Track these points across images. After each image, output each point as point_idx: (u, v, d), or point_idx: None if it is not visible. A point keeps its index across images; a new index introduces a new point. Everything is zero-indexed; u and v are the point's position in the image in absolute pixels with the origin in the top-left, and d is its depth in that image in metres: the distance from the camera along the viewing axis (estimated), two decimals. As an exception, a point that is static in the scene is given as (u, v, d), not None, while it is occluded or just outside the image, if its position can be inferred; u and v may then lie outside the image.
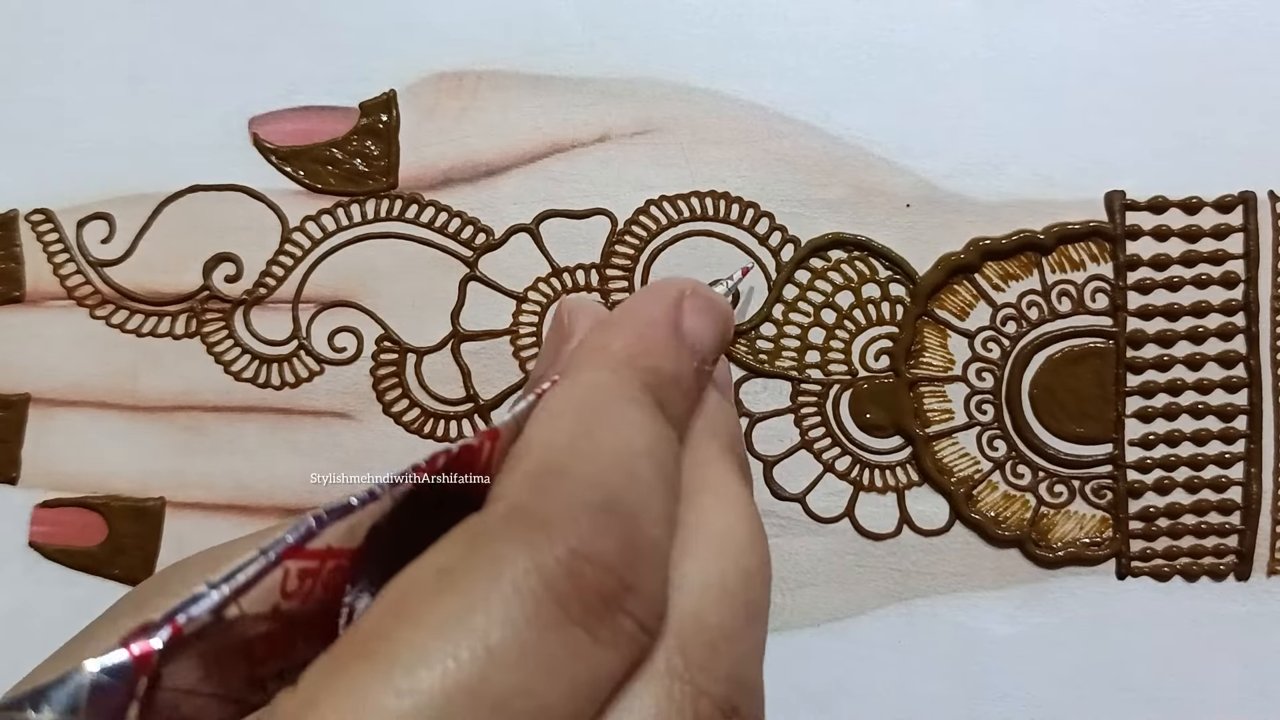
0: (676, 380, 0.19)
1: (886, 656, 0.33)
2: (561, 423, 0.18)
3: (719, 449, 0.20)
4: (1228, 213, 0.33)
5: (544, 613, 0.14)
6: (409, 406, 0.34)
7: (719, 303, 0.22)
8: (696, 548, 0.17)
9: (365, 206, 0.34)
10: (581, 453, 0.17)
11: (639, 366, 0.19)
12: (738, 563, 0.18)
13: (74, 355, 0.34)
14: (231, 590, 0.14)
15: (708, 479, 0.19)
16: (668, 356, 0.19)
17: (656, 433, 0.18)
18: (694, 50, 0.34)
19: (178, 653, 0.14)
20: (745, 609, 0.17)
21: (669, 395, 0.19)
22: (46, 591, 0.34)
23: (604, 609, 0.15)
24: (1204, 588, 0.33)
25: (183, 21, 0.34)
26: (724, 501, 0.19)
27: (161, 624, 0.13)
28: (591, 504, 0.16)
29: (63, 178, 0.34)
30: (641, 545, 0.16)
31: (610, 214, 0.34)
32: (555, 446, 0.17)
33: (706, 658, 0.16)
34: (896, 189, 0.33)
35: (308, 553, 0.15)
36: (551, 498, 0.16)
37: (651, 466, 0.17)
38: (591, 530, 0.15)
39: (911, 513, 0.34)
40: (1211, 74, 0.33)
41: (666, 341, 0.20)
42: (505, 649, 0.14)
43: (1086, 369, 0.33)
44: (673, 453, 0.18)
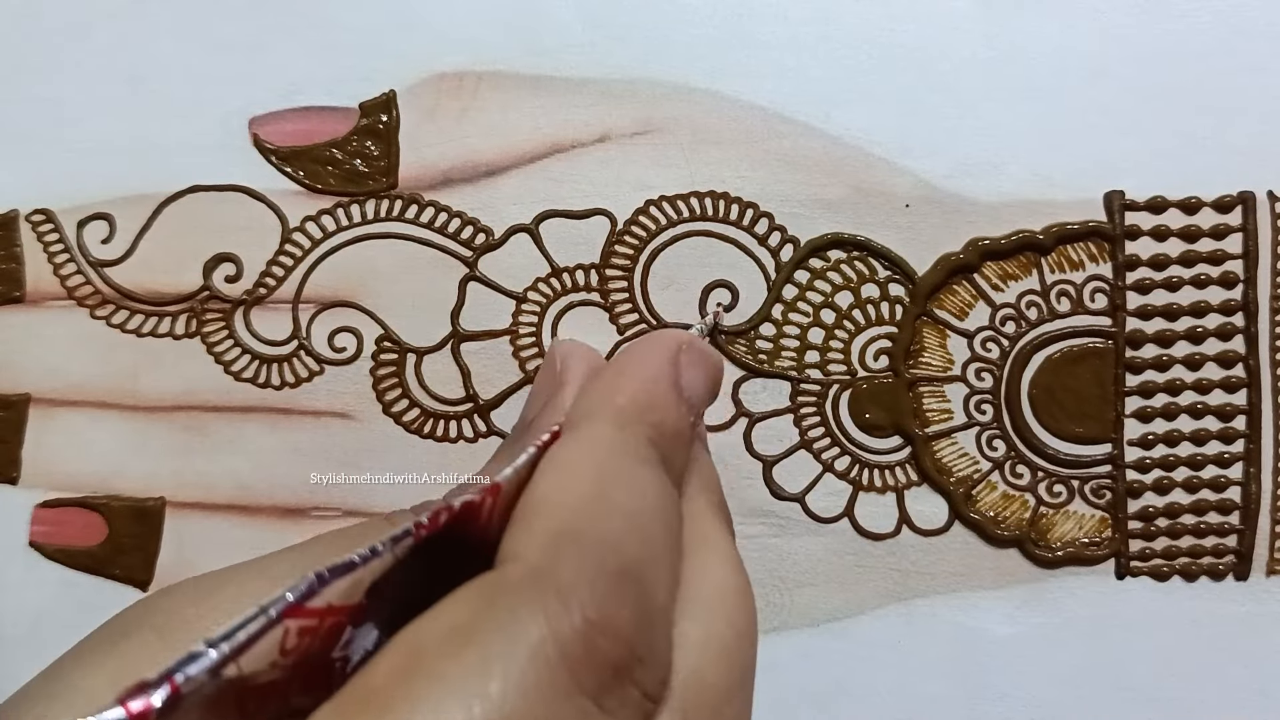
0: (678, 435, 0.20)
1: (886, 656, 0.33)
2: (574, 481, 0.18)
3: (709, 504, 0.20)
4: (1227, 213, 0.33)
5: (557, 681, 0.14)
6: (409, 406, 0.34)
7: (713, 356, 0.22)
8: (695, 608, 0.18)
9: (365, 207, 0.34)
10: (597, 514, 0.17)
11: (645, 422, 0.19)
12: (733, 623, 0.18)
13: (74, 355, 0.34)
14: (231, 649, 0.14)
15: (702, 534, 0.19)
16: (670, 412, 0.20)
17: (664, 492, 0.18)
18: (694, 50, 0.34)
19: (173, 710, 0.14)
20: (740, 668, 0.18)
21: (671, 451, 0.19)
22: (47, 591, 0.34)
23: (614, 680, 0.15)
24: (1203, 588, 0.33)
25: (183, 21, 0.34)
26: (717, 559, 0.19)
27: (159, 682, 0.13)
28: (608, 571, 0.16)
29: (63, 178, 0.34)
30: (653, 613, 0.16)
31: (610, 214, 0.34)
32: (570, 507, 0.17)
33: (706, 717, 0.16)
34: (896, 189, 0.33)
35: (308, 611, 0.15)
36: (569, 562, 0.16)
37: (661, 527, 0.17)
38: (607, 599, 0.15)
39: (911, 513, 0.34)
40: (1211, 74, 0.33)
41: (668, 396, 0.20)
42: (518, 714, 0.14)
43: (1085, 369, 0.34)
44: (677, 511, 0.19)
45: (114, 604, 0.33)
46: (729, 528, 0.21)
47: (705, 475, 0.21)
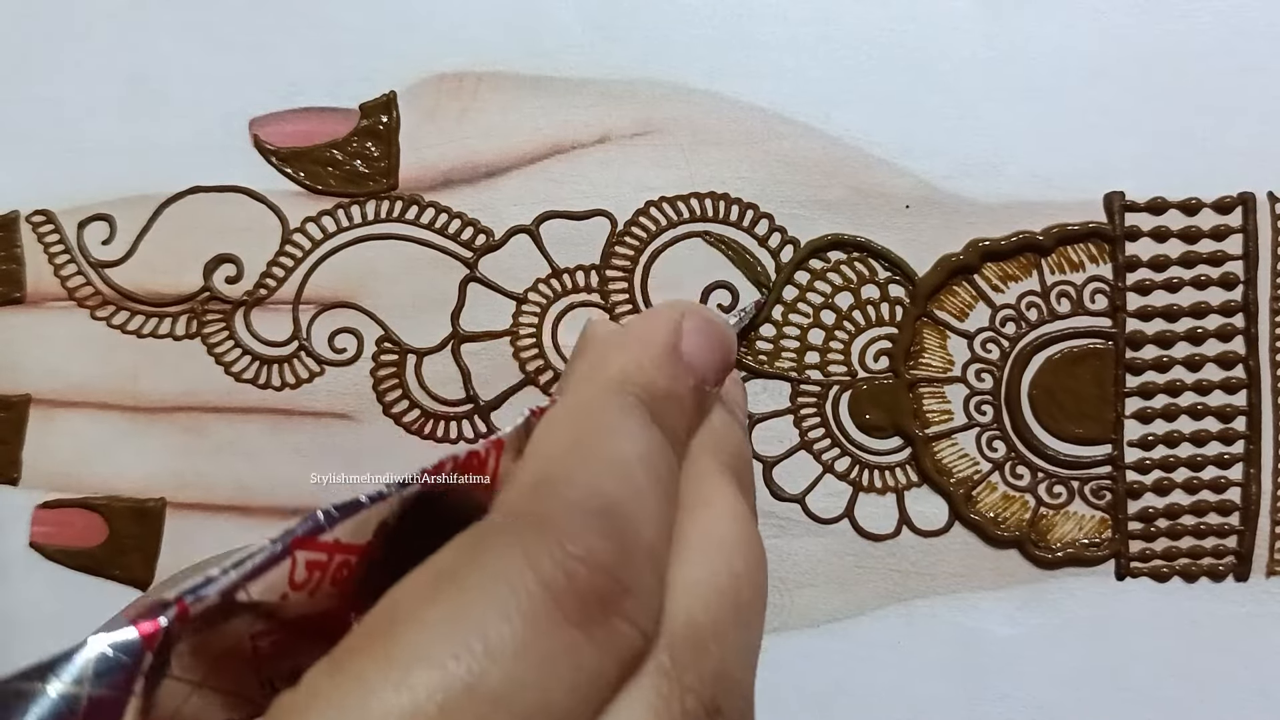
0: (672, 397, 0.20)
1: (886, 657, 0.33)
2: (557, 435, 0.18)
3: (717, 464, 0.20)
4: (1227, 214, 0.33)
5: (541, 612, 0.14)
6: (409, 407, 0.34)
7: (718, 324, 0.22)
8: (689, 553, 0.18)
9: (365, 207, 0.34)
10: (577, 461, 0.17)
11: (634, 383, 0.19)
12: (729, 565, 0.18)
13: (75, 356, 0.34)
14: (240, 575, 0.14)
15: (703, 490, 0.19)
16: (663, 374, 0.20)
17: (650, 441, 0.18)
18: (694, 51, 0.34)
19: (187, 637, 0.14)
20: (735, 610, 0.18)
21: (663, 410, 0.19)
22: (47, 592, 0.34)
23: (600, 611, 0.15)
24: (1203, 588, 0.33)
25: (183, 22, 0.34)
26: (716, 510, 0.19)
27: (170, 603, 0.14)
28: (588, 509, 0.16)
29: (64, 179, 0.34)
30: (637, 548, 0.16)
31: (610, 215, 0.34)
32: (551, 457, 0.17)
33: (694, 657, 0.16)
34: (896, 190, 0.33)
35: (316, 544, 0.15)
36: (548, 503, 0.16)
37: (646, 473, 0.18)
38: (588, 533, 0.15)
39: (911, 513, 0.34)
40: (1211, 75, 0.33)
41: (662, 360, 0.20)
42: (502, 646, 0.14)
43: (1085, 370, 0.34)
44: (668, 462, 0.19)
45: (114, 605, 0.34)
46: (740, 484, 0.20)
47: (718, 437, 0.21)
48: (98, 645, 0.13)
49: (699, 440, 0.21)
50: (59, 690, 0.13)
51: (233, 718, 0.15)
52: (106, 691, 0.13)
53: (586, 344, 0.22)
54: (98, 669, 0.13)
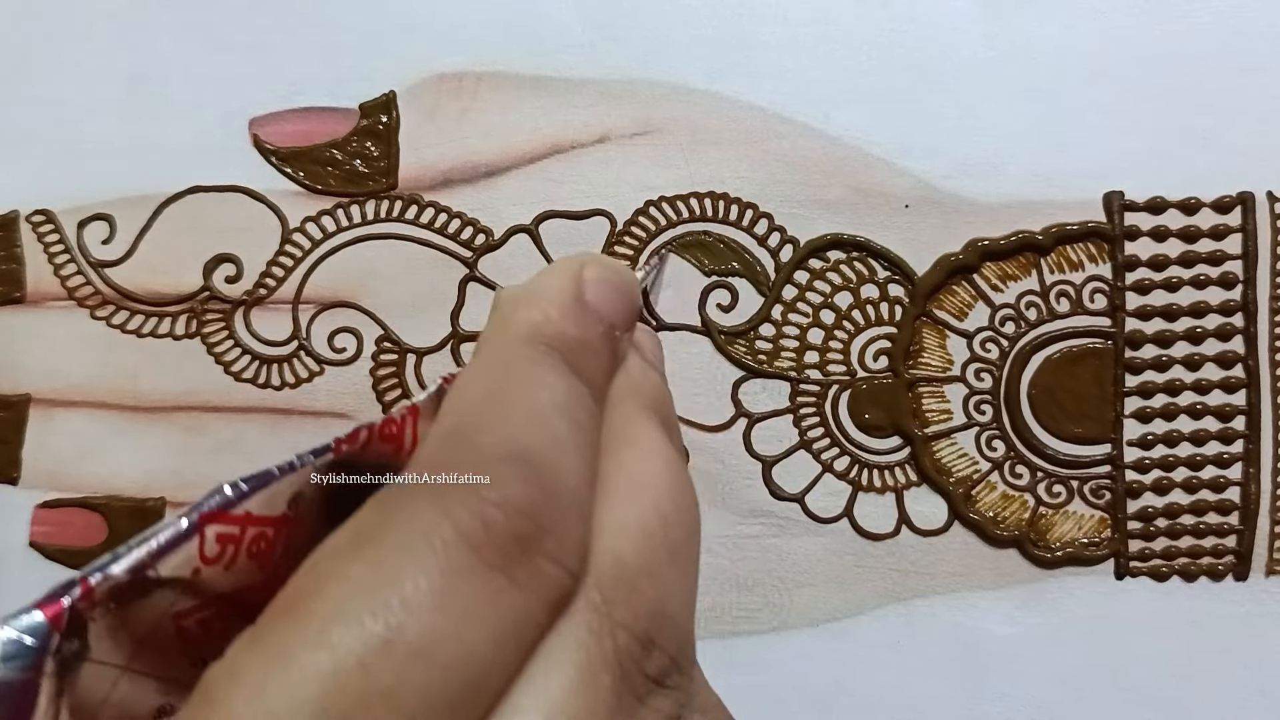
0: (584, 343, 0.19)
1: (885, 657, 0.33)
2: (469, 390, 0.18)
3: (638, 406, 0.20)
4: (1226, 213, 0.33)
5: (458, 560, 0.14)
6: (409, 407, 0.34)
7: (619, 269, 0.22)
8: (614, 495, 0.18)
9: (365, 207, 0.34)
10: (489, 412, 0.17)
11: (544, 333, 0.19)
12: (657, 506, 0.18)
13: (75, 356, 0.34)
14: (146, 552, 0.14)
15: (626, 433, 0.19)
16: (570, 320, 0.20)
17: (567, 389, 0.18)
18: (694, 51, 0.34)
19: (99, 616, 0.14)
20: (665, 549, 0.17)
21: (578, 357, 0.19)
22: (47, 591, 0.34)
23: (521, 553, 0.15)
24: (1202, 588, 0.33)
25: (183, 22, 0.34)
26: (642, 452, 0.19)
27: (74, 583, 0.14)
28: (502, 455, 0.16)
29: (64, 179, 0.34)
30: (556, 490, 0.16)
31: (610, 215, 0.34)
32: (463, 410, 0.17)
33: (623, 594, 0.16)
34: (895, 190, 0.33)
35: (226, 518, 0.15)
36: (461, 453, 0.16)
37: (563, 420, 0.17)
38: (503, 479, 0.15)
39: (910, 513, 0.34)
40: (1210, 75, 0.33)
41: (568, 308, 0.20)
42: (420, 599, 0.14)
43: (1085, 369, 0.34)
44: (586, 408, 0.18)
45: (114, 604, 0.34)
46: (666, 429, 0.20)
47: (635, 380, 0.21)
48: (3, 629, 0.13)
49: (617, 386, 0.20)
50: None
51: (168, 702, 0.15)
52: (16, 674, 0.13)
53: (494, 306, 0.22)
54: (5, 653, 0.13)
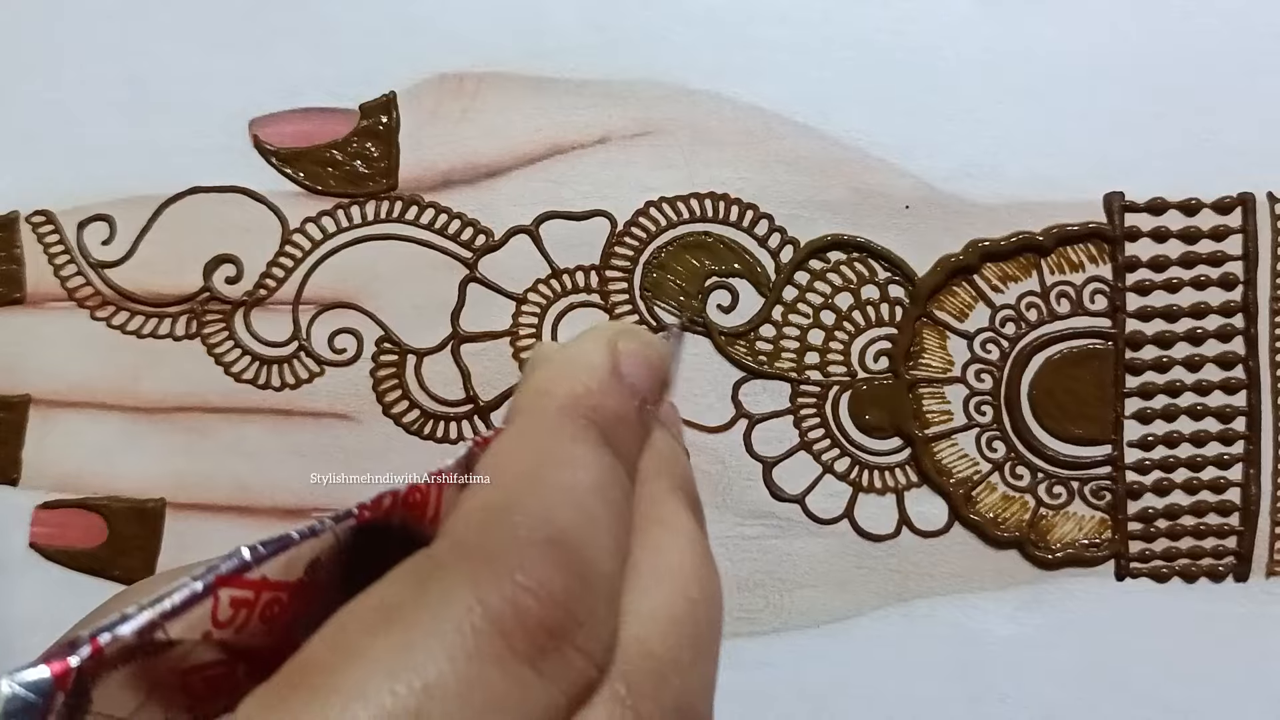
0: (621, 418, 0.19)
1: (886, 657, 0.33)
2: (507, 462, 0.18)
3: (668, 486, 0.20)
4: (1226, 214, 0.33)
5: (488, 648, 0.14)
6: (409, 408, 0.34)
7: (654, 342, 0.22)
8: (643, 580, 0.17)
9: (365, 208, 0.34)
10: (528, 490, 0.17)
11: (583, 406, 0.19)
12: (685, 594, 0.18)
13: (75, 357, 0.34)
14: (158, 614, 0.14)
15: (656, 514, 0.19)
16: (609, 395, 0.19)
17: (604, 467, 0.18)
18: (694, 52, 0.34)
19: (105, 674, 0.14)
20: (692, 640, 0.17)
21: (615, 432, 0.19)
22: (47, 592, 0.34)
23: (551, 644, 0.15)
24: (1203, 589, 0.33)
25: (183, 23, 0.34)
26: (672, 535, 0.19)
27: (83, 642, 0.13)
28: (538, 539, 0.15)
29: (64, 179, 0.34)
30: (590, 578, 0.16)
31: (610, 215, 0.34)
32: (502, 484, 0.17)
33: (651, 686, 0.16)
34: (896, 191, 0.33)
35: (241, 582, 0.15)
36: (497, 533, 0.16)
37: (600, 501, 0.17)
38: (538, 564, 0.15)
39: (911, 514, 0.34)
40: (1210, 76, 0.33)
41: (605, 381, 0.20)
42: (445, 685, 0.13)
43: (1085, 370, 0.34)
44: (622, 487, 0.18)
45: (114, 605, 0.34)
46: (693, 509, 0.20)
47: (665, 458, 0.21)
48: (7, 685, 0.13)
49: (646, 462, 0.20)
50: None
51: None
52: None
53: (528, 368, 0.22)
54: (7, 709, 0.13)
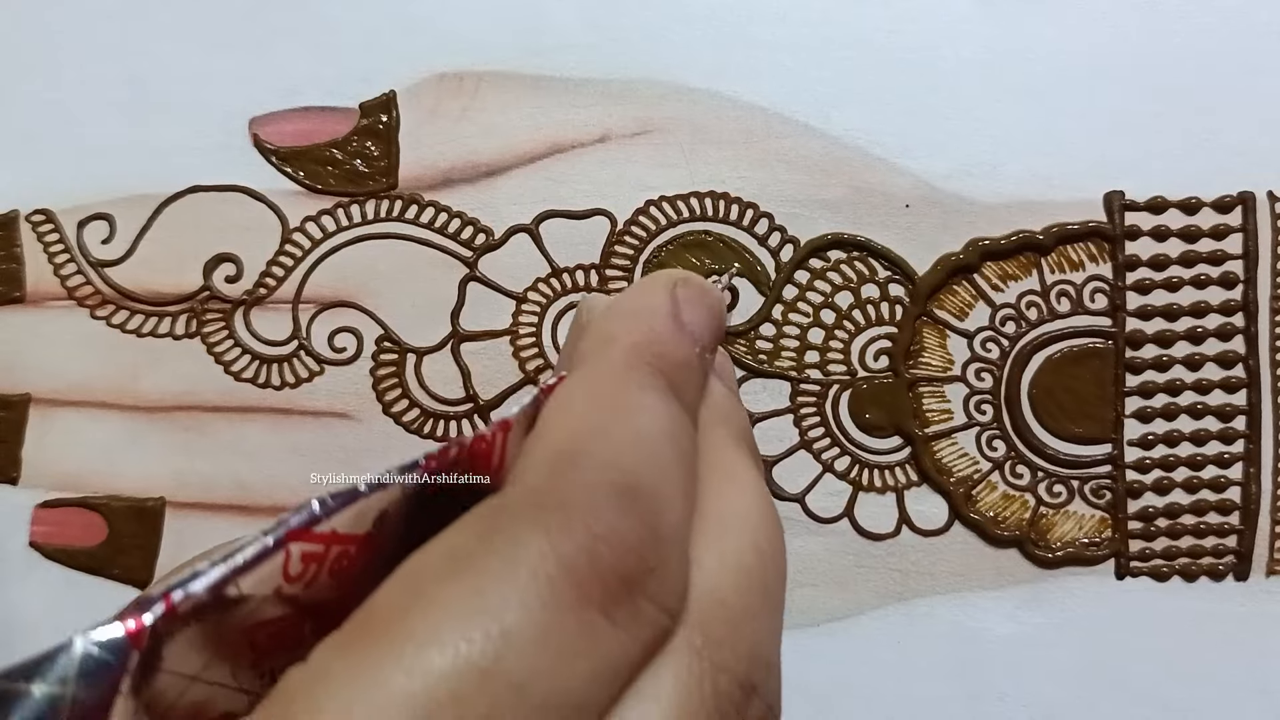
0: (684, 365, 0.19)
1: (886, 656, 0.33)
2: (577, 408, 0.17)
3: (729, 434, 0.20)
4: (1226, 213, 0.33)
5: (561, 596, 0.14)
6: (409, 407, 0.34)
7: (711, 290, 0.22)
8: (713, 529, 0.17)
9: (365, 207, 0.34)
10: (599, 437, 0.17)
11: (648, 352, 0.19)
12: (755, 543, 0.17)
13: (75, 355, 0.34)
14: (230, 569, 0.14)
15: (721, 463, 0.19)
16: (672, 342, 0.19)
17: (673, 415, 0.18)
18: (694, 51, 0.34)
19: (176, 632, 0.14)
20: (763, 589, 0.17)
21: (679, 379, 0.19)
22: (47, 591, 0.34)
23: (624, 592, 0.15)
24: (1203, 588, 0.33)
25: (183, 22, 0.34)
26: (738, 485, 0.19)
27: (156, 599, 0.13)
28: (611, 487, 0.15)
29: (64, 178, 0.34)
30: (662, 527, 0.16)
31: (610, 214, 0.34)
32: (572, 431, 0.17)
33: (725, 634, 0.16)
34: (896, 189, 0.33)
35: (312, 536, 0.15)
36: (569, 480, 0.15)
37: (670, 449, 0.17)
38: (611, 512, 0.15)
39: (911, 513, 0.34)
40: (1210, 75, 0.33)
41: (668, 327, 0.20)
42: (520, 631, 0.13)
43: (1085, 369, 0.34)
44: (689, 435, 0.18)
45: (114, 604, 0.33)
46: (754, 458, 0.20)
47: (723, 407, 0.21)
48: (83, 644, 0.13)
49: (707, 411, 0.20)
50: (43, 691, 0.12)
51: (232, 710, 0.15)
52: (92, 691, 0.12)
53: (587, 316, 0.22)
54: (83, 668, 0.12)
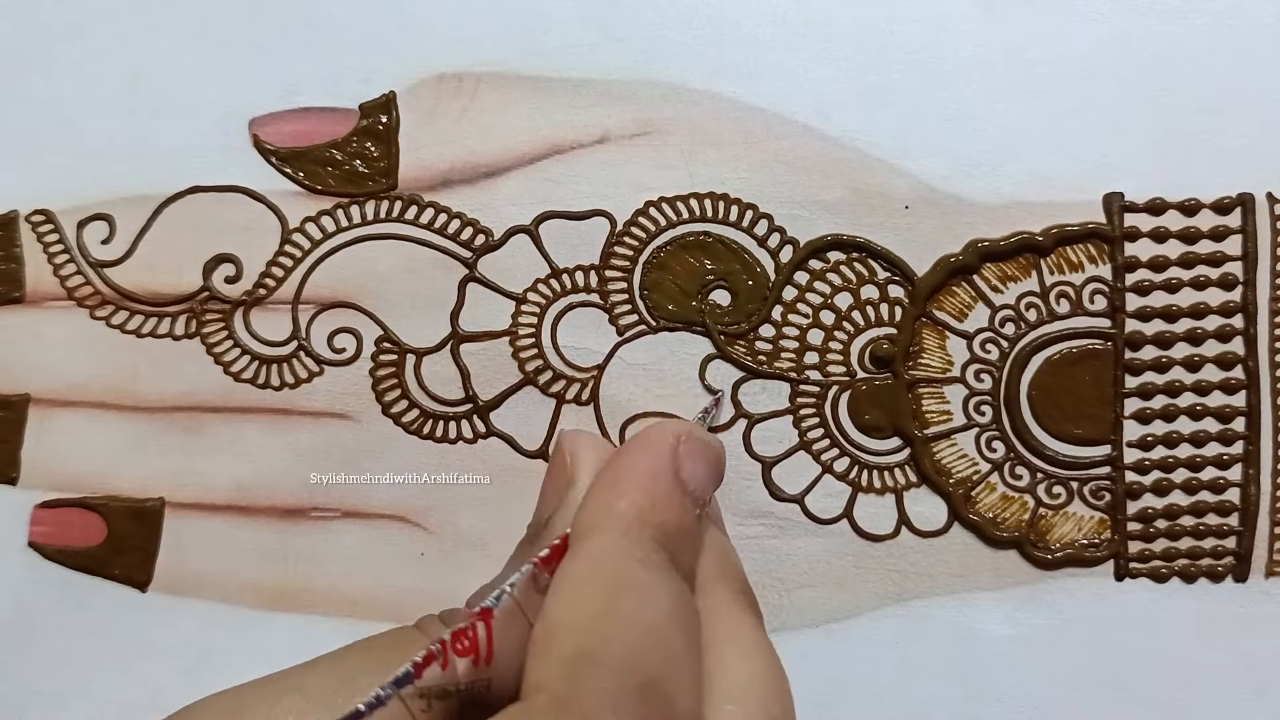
0: (683, 530, 0.20)
1: (885, 657, 0.33)
2: (584, 599, 0.18)
3: (730, 593, 0.20)
4: (1226, 214, 0.33)
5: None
6: (408, 407, 0.34)
7: (713, 444, 0.22)
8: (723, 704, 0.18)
9: (365, 207, 0.34)
10: (612, 632, 0.17)
11: (650, 524, 0.19)
12: (766, 709, 0.18)
13: (74, 356, 0.34)
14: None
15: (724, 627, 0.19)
16: (673, 509, 0.20)
17: (675, 593, 0.18)
18: (693, 51, 0.34)
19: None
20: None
21: (679, 547, 0.19)
22: (46, 592, 0.34)
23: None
24: (1202, 589, 0.33)
25: (183, 22, 0.35)
26: (741, 650, 0.19)
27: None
28: (629, 690, 0.16)
29: (63, 178, 0.34)
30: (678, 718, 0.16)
31: (609, 215, 0.34)
32: (583, 628, 0.17)
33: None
34: (895, 190, 0.33)
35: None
36: (589, 687, 0.16)
37: (678, 633, 0.17)
38: (634, 713, 0.15)
39: (910, 514, 0.34)
40: (1210, 76, 0.33)
41: (670, 493, 0.20)
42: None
43: (1085, 370, 0.34)
44: (691, 608, 0.19)
45: (113, 604, 0.34)
46: (753, 611, 0.20)
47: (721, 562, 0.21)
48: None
49: (704, 567, 0.20)
50: None
51: None
52: None
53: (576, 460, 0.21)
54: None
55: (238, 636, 0.34)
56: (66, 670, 0.34)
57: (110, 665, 0.34)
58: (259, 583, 0.34)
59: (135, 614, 0.34)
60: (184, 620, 0.34)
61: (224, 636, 0.34)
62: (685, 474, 0.20)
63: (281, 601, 0.34)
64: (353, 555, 0.34)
